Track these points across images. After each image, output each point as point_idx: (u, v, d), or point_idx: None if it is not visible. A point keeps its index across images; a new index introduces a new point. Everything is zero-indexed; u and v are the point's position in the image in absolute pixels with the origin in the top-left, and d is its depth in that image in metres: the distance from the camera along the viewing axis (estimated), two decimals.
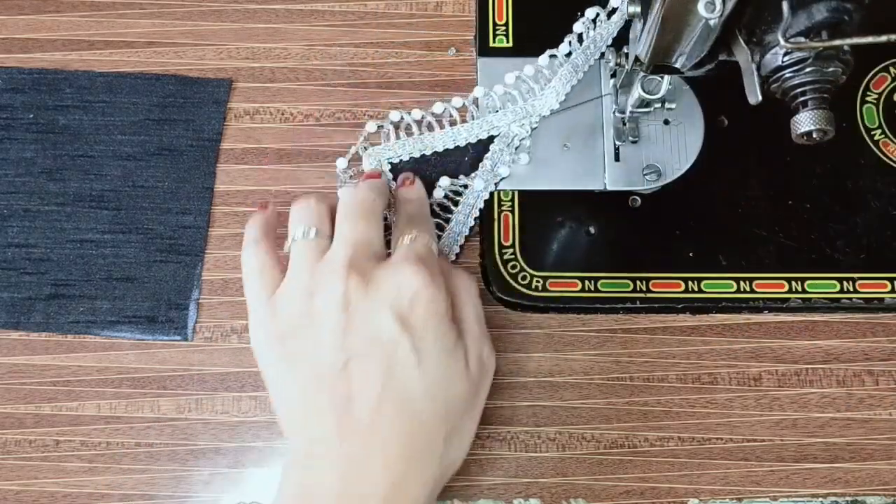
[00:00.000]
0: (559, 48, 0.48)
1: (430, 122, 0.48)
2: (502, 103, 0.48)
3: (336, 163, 0.48)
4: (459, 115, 0.48)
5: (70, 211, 0.48)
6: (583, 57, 0.48)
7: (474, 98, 0.48)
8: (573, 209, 0.47)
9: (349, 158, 0.48)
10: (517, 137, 0.47)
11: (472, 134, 0.48)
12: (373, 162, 0.47)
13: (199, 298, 0.46)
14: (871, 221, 0.47)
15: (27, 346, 0.46)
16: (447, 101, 0.48)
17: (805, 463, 0.44)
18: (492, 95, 0.48)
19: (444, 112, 0.48)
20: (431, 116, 0.48)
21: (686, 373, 0.45)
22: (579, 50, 0.48)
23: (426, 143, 0.48)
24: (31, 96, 0.49)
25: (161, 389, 0.45)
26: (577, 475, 0.44)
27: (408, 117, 0.48)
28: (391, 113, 0.48)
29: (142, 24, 0.51)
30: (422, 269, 0.37)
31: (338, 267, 0.37)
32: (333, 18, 0.51)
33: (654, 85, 0.43)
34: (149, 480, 0.44)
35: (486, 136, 0.48)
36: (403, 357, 0.36)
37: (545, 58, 0.48)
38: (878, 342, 0.46)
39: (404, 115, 0.48)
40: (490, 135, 0.48)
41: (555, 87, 0.47)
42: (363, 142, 0.48)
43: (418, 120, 0.48)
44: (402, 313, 0.36)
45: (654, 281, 0.46)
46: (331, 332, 0.37)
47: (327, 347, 0.37)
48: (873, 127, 0.48)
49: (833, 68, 0.34)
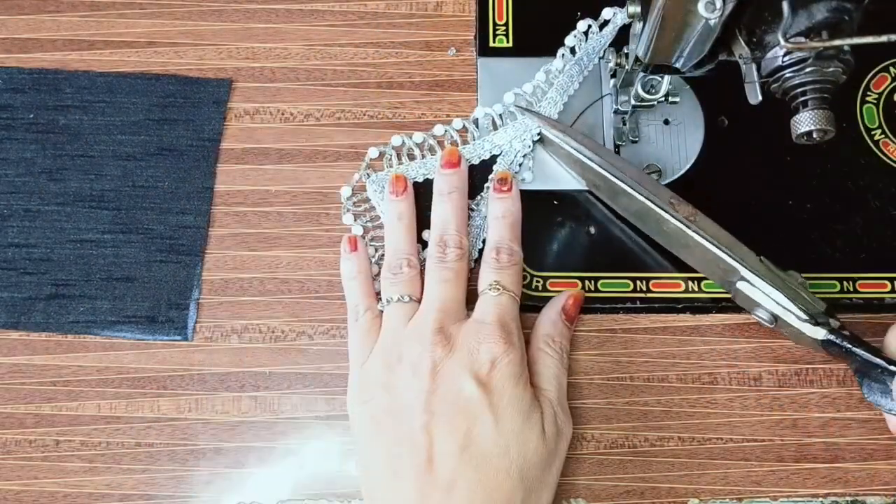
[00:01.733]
0: (553, 63, 0.48)
1: (431, 146, 0.48)
2: (502, 121, 0.48)
3: (340, 191, 0.47)
4: (460, 137, 0.48)
5: (70, 211, 0.48)
6: (577, 68, 0.48)
7: (474, 118, 0.48)
8: (573, 209, 0.47)
9: (353, 186, 0.47)
10: (519, 154, 0.47)
11: (474, 155, 0.47)
12: (376, 189, 0.47)
13: (199, 298, 0.46)
14: (871, 221, 0.47)
15: (27, 346, 0.46)
16: (448, 124, 0.48)
17: (805, 463, 0.44)
18: (490, 114, 0.48)
19: (445, 134, 0.48)
20: (433, 139, 0.48)
21: (686, 373, 0.45)
22: (573, 62, 0.48)
23: (429, 167, 0.47)
24: (31, 96, 0.49)
25: (161, 389, 0.45)
26: (577, 475, 0.44)
27: (409, 141, 0.48)
28: (393, 138, 0.48)
29: (142, 24, 0.51)
30: (501, 332, 0.40)
31: (426, 333, 0.40)
32: (333, 18, 0.51)
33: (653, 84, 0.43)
34: (149, 480, 0.44)
35: (488, 157, 0.47)
36: (482, 417, 0.38)
37: (541, 73, 0.48)
38: (878, 342, 0.46)
39: (406, 140, 0.48)
40: (492, 154, 0.47)
41: (551, 97, 0.47)
42: (365, 168, 0.48)
43: (420, 143, 0.48)
44: (481, 376, 0.39)
45: (654, 281, 0.46)
46: (416, 395, 0.39)
47: (411, 409, 0.39)
48: (873, 127, 0.48)
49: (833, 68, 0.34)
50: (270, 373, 0.45)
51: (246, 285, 0.47)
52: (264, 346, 0.46)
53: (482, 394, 0.38)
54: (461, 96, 0.49)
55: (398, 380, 0.40)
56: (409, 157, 0.48)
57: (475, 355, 0.39)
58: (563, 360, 0.43)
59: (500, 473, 0.37)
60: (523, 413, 0.39)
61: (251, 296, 0.46)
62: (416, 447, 0.38)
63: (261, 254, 0.47)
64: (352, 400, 0.42)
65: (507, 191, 0.45)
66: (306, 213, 0.48)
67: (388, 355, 0.41)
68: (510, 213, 0.45)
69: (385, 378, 0.41)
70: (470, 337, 0.40)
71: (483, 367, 0.39)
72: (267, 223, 0.48)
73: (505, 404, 0.38)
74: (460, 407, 0.38)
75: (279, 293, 0.46)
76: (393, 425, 0.39)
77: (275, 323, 0.46)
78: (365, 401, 0.41)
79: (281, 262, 0.47)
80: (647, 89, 0.44)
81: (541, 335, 0.43)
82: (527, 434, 0.38)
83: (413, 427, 0.38)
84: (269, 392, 0.45)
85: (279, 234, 0.47)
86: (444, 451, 0.38)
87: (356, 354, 0.43)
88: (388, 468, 0.39)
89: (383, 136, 0.49)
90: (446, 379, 0.39)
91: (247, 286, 0.47)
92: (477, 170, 0.47)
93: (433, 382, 0.39)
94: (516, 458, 0.38)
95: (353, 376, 0.43)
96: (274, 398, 0.45)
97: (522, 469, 0.38)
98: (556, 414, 0.41)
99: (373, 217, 0.47)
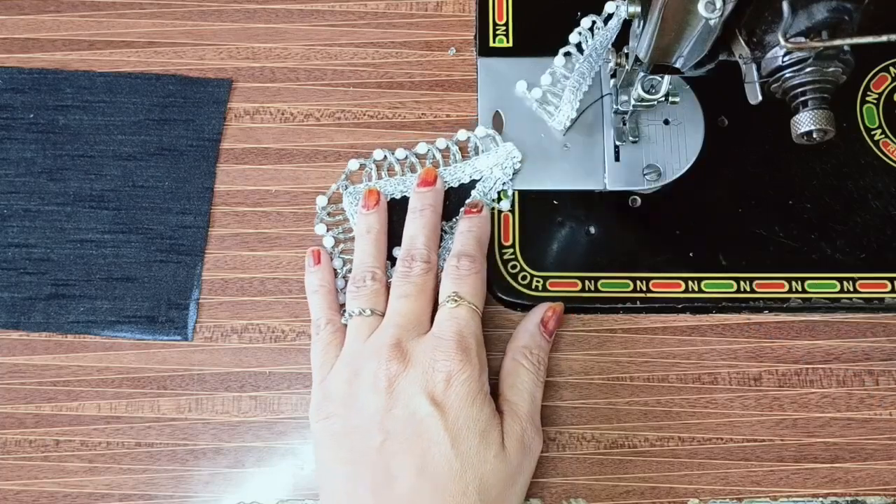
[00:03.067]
0: (554, 60, 0.48)
1: (412, 163, 0.48)
2: (484, 145, 0.47)
3: (316, 200, 0.47)
4: (443, 157, 0.48)
5: (70, 211, 0.48)
6: (587, 65, 0.48)
7: (457, 140, 0.48)
8: (573, 209, 0.47)
9: (329, 196, 0.47)
10: (499, 181, 0.47)
11: (453, 178, 0.47)
12: (352, 201, 0.47)
13: (199, 298, 0.46)
14: (871, 221, 0.47)
15: (27, 346, 0.46)
16: (431, 143, 0.48)
17: (805, 463, 0.44)
18: (472, 137, 0.48)
19: (428, 153, 0.48)
20: (415, 157, 0.48)
21: (686, 373, 0.45)
22: (581, 59, 0.48)
23: (408, 185, 0.47)
24: (31, 96, 0.49)
25: (161, 389, 0.45)
26: (577, 475, 0.44)
27: (391, 157, 0.48)
28: (375, 152, 0.48)
29: (142, 24, 0.51)
30: (457, 348, 0.39)
31: (382, 349, 0.40)
32: (333, 18, 0.51)
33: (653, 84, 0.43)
34: (149, 480, 0.44)
35: (467, 180, 0.47)
36: (437, 438, 0.37)
37: (546, 76, 0.48)
38: (878, 342, 0.46)
39: (388, 154, 0.48)
40: (472, 178, 0.47)
41: (567, 97, 0.47)
42: (344, 180, 0.48)
43: (402, 159, 0.48)
44: (436, 394, 0.38)
45: (654, 281, 0.46)
46: (372, 414, 0.38)
47: (368, 428, 0.38)
48: (873, 127, 0.48)
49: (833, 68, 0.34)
50: (270, 373, 0.45)
51: (246, 285, 0.47)
52: (264, 346, 0.46)
53: (437, 413, 0.38)
54: (461, 96, 0.49)
55: (355, 396, 0.40)
56: (390, 172, 0.48)
57: (430, 374, 0.39)
58: (539, 373, 0.42)
59: (457, 496, 0.37)
60: (479, 433, 0.38)
61: (251, 296, 0.46)
62: (373, 468, 0.38)
63: (261, 254, 0.47)
64: (313, 415, 0.41)
65: (478, 212, 0.45)
66: (306, 213, 0.48)
67: (346, 370, 0.41)
68: (477, 227, 0.45)
69: (343, 393, 0.40)
70: (427, 353, 0.39)
71: (438, 385, 0.38)
72: (267, 223, 0.48)
73: (461, 425, 0.38)
74: (415, 428, 0.38)
75: (279, 293, 0.46)
76: (350, 444, 0.39)
77: (275, 323, 0.46)
78: (325, 416, 0.40)
79: (281, 262, 0.47)
80: (648, 89, 0.44)
81: (518, 347, 0.43)
82: (483, 454, 0.38)
83: (370, 446, 0.38)
84: (269, 392, 0.45)
85: (279, 234, 0.47)
86: (401, 473, 0.37)
87: (317, 369, 0.43)
88: (346, 487, 0.38)
89: (383, 136, 0.49)
90: (402, 396, 0.38)
91: (247, 286, 0.47)
92: (454, 193, 0.47)
93: (389, 400, 0.38)
94: (472, 479, 0.37)
95: (315, 391, 0.42)
96: (274, 398, 0.45)
97: (480, 489, 0.37)
98: (525, 430, 0.40)
99: (346, 229, 0.47)
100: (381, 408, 0.38)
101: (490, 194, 0.47)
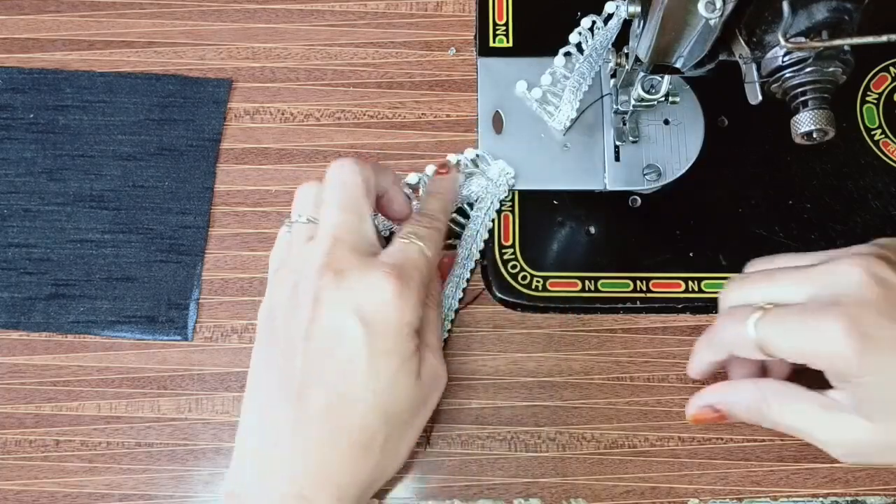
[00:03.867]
0: (554, 60, 0.48)
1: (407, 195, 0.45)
2: (474, 166, 0.47)
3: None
4: None
5: (70, 211, 0.48)
6: (587, 65, 0.48)
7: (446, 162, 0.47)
8: (573, 209, 0.47)
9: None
10: (496, 199, 0.46)
11: None
12: None
13: (199, 298, 0.46)
14: (871, 221, 0.47)
15: (27, 346, 0.46)
16: (421, 173, 0.46)
17: (805, 463, 0.44)
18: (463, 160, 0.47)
19: (419, 182, 0.46)
20: (408, 188, 0.46)
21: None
22: (581, 59, 0.48)
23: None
24: (31, 96, 0.49)
25: (161, 389, 0.45)
26: (577, 475, 0.44)
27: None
28: None
29: (142, 24, 0.51)
30: (396, 280, 0.38)
31: (314, 260, 0.38)
32: (333, 18, 0.51)
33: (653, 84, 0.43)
34: (149, 480, 0.44)
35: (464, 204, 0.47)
36: (358, 356, 0.37)
37: (546, 76, 0.48)
38: None
39: None
40: (467, 202, 0.47)
41: (567, 98, 0.47)
42: None
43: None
44: (366, 316, 0.37)
45: (654, 281, 0.46)
46: (300, 321, 0.38)
47: (294, 333, 0.38)
48: (873, 127, 0.48)
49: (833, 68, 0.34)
50: None
51: (246, 285, 0.47)
52: None
53: (364, 333, 0.37)
54: (461, 96, 0.49)
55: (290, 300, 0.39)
56: None
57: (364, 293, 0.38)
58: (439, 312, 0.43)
59: (369, 416, 0.37)
60: (402, 359, 0.38)
61: (251, 296, 0.46)
62: (290, 372, 0.37)
63: (261, 254, 0.47)
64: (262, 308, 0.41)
65: (446, 172, 0.45)
66: None
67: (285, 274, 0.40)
68: (446, 189, 0.45)
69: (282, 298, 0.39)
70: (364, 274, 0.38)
71: (369, 307, 0.38)
72: (267, 223, 0.48)
73: (385, 349, 0.38)
74: (340, 341, 0.37)
75: None
76: (278, 343, 0.38)
77: None
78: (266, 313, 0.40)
79: None
80: (648, 89, 0.44)
81: None
82: (401, 379, 0.38)
83: (294, 351, 0.37)
84: None
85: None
86: (316, 382, 0.37)
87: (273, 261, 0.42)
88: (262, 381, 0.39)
89: (383, 136, 0.49)
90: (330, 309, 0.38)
91: (247, 286, 0.47)
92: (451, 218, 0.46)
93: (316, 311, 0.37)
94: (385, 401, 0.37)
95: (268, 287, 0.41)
96: None
97: (389, 412, 0.38)
98: (437, 366, 0.40)
99: None
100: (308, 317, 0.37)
101: (489, 213, 0.46)
